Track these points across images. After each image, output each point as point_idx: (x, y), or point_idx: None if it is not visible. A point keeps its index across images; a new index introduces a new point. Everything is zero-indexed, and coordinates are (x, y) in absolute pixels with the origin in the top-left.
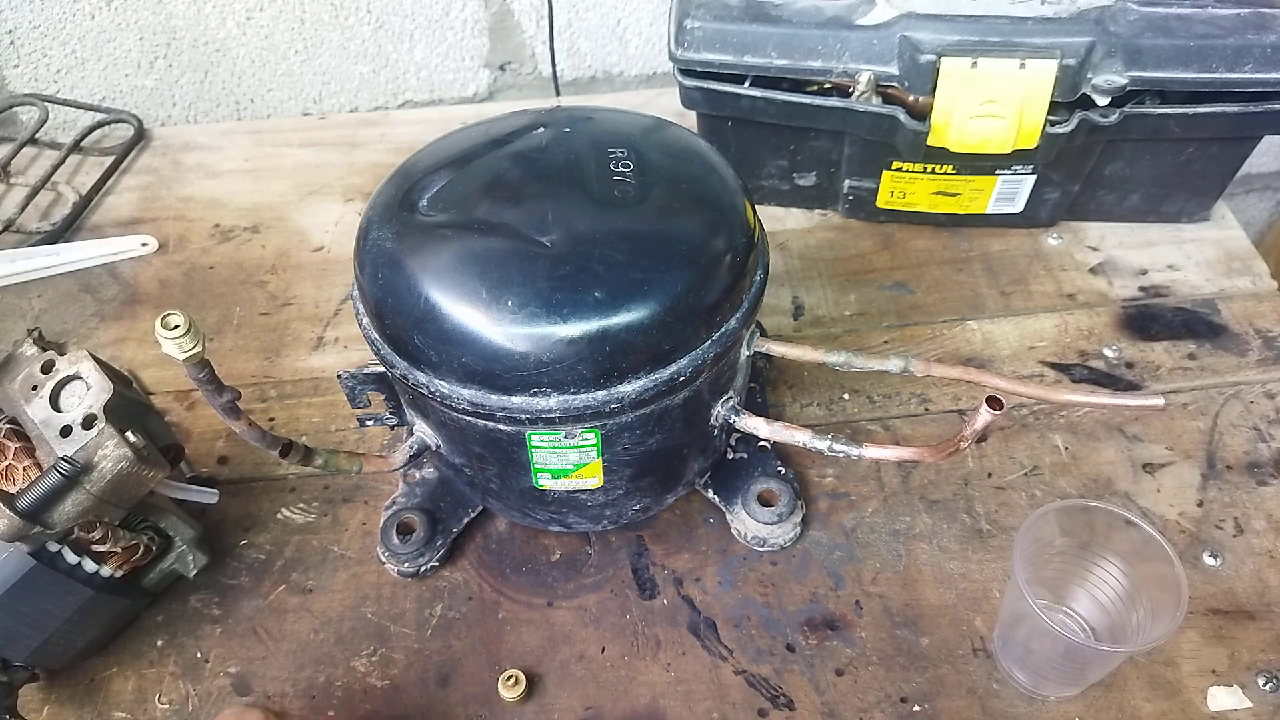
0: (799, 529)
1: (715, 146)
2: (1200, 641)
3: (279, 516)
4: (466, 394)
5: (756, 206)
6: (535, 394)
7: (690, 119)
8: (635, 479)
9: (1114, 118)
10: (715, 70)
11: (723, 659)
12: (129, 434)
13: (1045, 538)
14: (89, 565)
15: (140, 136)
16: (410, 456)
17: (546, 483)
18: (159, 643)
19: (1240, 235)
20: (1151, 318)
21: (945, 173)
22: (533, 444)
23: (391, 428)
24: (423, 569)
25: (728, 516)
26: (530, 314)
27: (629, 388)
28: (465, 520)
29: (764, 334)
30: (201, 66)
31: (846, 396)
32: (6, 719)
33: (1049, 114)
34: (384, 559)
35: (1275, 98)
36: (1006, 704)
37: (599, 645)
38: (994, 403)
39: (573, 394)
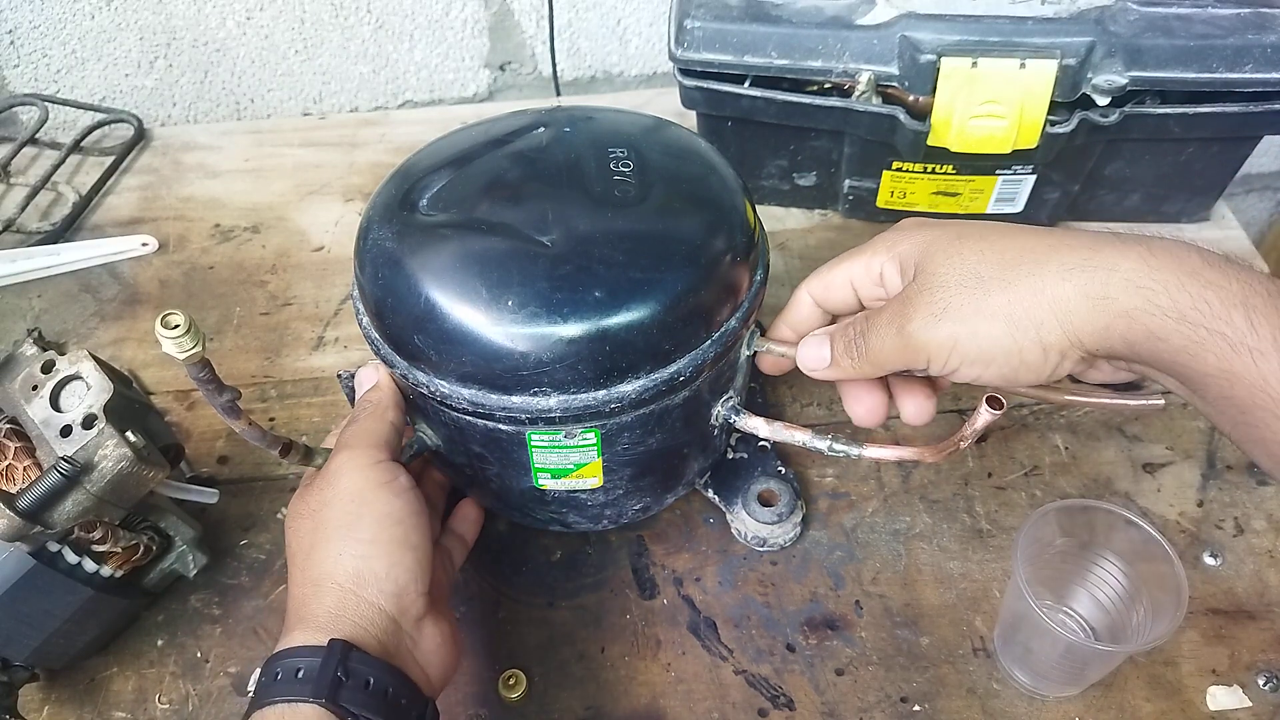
0: (799, 529)
1: (715, 146)
2: (1200, 641)
3: (279, 516)
4: (466, 394)
5: (756, 206)
6: (535, 394)
7: (690, 119)
8: (635, 479)
9: (1114, 118)
10: (715, 70)
11: (723, 659)
12: (129, 434)
13: (1045, 538)
14: (89, 565)
15: (140, 136)
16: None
17: (546, 483)
18: (159, 643)
19: (1240, 235)
20: None
21: (945, 173)
22: (533, 444)
23: None
24: None
25: (728, 516)
26: (530, 314)
27: (629, 387)
28: None
29: (764, 334)
30: (201, 66)
31: None
32: (6, 719)
33: (1049, 114)
34: None
35: (1275, 98)
36: (1006, 704)
37: (599, 645)
38: (994, 403)
39: (573, 394)
